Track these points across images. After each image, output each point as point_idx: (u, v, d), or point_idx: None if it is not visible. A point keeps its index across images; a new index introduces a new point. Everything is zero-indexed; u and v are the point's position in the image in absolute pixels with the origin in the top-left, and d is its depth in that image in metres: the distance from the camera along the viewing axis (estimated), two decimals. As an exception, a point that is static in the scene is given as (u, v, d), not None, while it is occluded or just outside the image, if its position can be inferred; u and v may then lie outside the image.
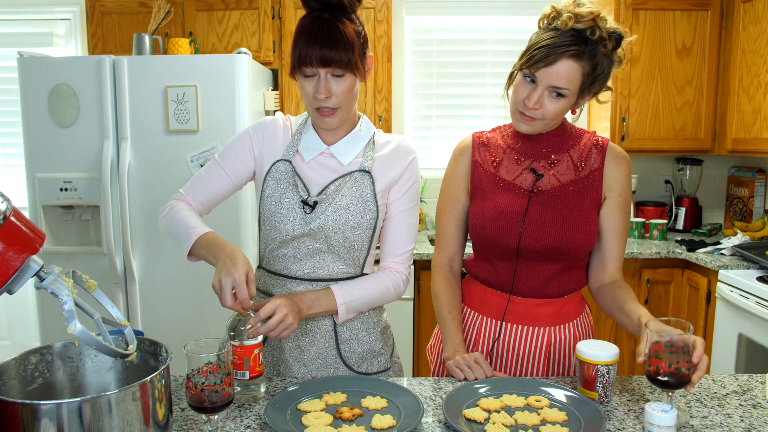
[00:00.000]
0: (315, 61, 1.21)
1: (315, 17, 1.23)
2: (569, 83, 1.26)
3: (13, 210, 0.86)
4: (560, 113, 1.31)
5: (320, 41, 1.20)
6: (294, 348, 1.37)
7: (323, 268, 1.34)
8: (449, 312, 1.44)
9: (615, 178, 1.39)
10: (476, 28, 3.49)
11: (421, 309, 2.99)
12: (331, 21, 1.22)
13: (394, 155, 1.40)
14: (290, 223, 1.32)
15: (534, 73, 1.27)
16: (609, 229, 1.40)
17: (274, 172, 1.35)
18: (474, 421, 1.09)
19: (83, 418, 0.83)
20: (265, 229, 1.37)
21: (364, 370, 1.41)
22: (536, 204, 1.37)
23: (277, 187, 1.34)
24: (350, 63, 1.23)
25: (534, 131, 1.36)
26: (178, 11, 3.07)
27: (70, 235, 2.73)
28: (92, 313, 0.94)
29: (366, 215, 1.33)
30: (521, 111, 1.32)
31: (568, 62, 1.24)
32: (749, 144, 2.91)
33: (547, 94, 1.28)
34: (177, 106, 2.55)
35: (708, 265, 2.71)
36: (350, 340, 1.39)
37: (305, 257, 1.34)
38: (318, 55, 1.20)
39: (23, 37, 3.39)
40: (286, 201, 1.33)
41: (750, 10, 2.90)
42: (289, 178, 1.34)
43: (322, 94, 1.24)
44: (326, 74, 1.23)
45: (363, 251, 1.37)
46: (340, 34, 1.21)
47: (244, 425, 1.09)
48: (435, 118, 3.59)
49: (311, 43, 1.20)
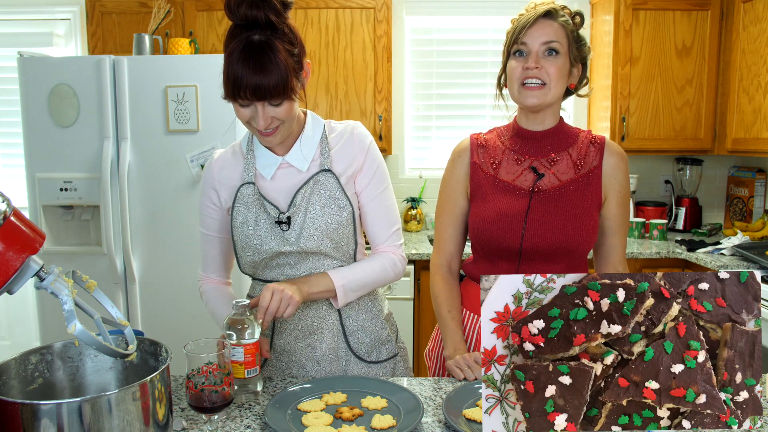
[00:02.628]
0: (249, 95, 1.16)
1: (245, 41, 1.15)
2: (557, 36, 1.33)
3: (13, 210, 0.86)
4: (561, 73, 1.34)
5: (253, 72, 1.14)
6: (305, 347, 1.37)
7: (319, 268, 1.34)
8: (448, 311, 1.44)
9: (614, 175, 1.40)
10: (476, 28, 3.50)
11: (421, 309, 2.99)
12: (261, 47, 1.14)
13: (350, 145, 1.35)
14: (273, 242, 1.31)
15: (522, 40, 1.34)
16: (610, 226, 1.42)
17: (241, 198, 1.33)
18: (474, 421, 1.09)
19: (83, 418, 0.83)
20: (246, 255, 1.34)
21: (374, 358, 1.42)
22: (537, 203, 1.37)
23: (249, 211, 1.32)
24: (285, 90, 1.17)
25: (542, 101, 1.34)
26: (178, 11, 3.07)
27: (70, 235, 2.73)
28: (92, 313, 0.94)
29: (342, 213, 1.32)
30: (524, 83, 1.34)
31: (547, 20, 1.34)
32: (749, 144, 2.91)
33: (543, 55, 1.33)
34: (177, 106, 2.55)
35: (708, 265, 2.71)
36: (357, 331, 1.39)
37: (299, 262, 1.34)
38: (252, 87, 1.14)
39: (23, 37, 3.39)
40: (261, 222, 1.31)
41: (750, 10, 2.90)
42: (257, 200, 1.32)
43: (262, 124, 1.20)
44: (263, 104, 1.18)
45: (351, 245, 1.37)
46: (273, 62, 1.14)
47: (244, 425, 1.09)
48: (435, 118, 3.59)
49: (243, 74, 1.14)
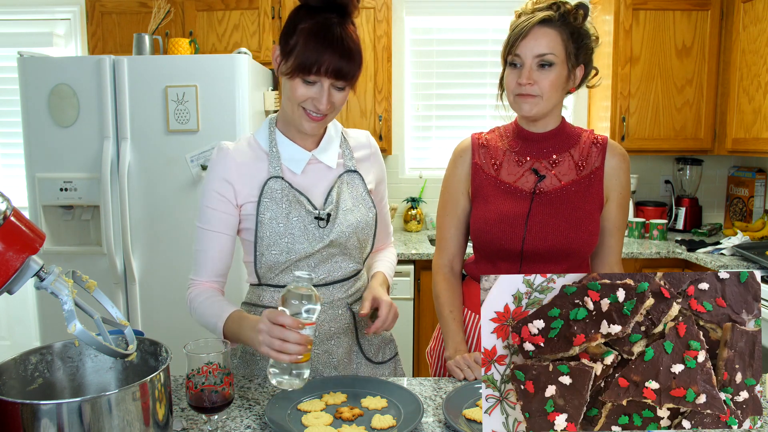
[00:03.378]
0: (324, 72, 1.14)
1: (323, 20, 1.15)
2: (551, 48, 1.28)
3: (13, 210, 0.86)
4: (555, 84, 1.31)
5: (334, 51, 1.13)
6: (322, 353, 1.34)
7: (337, 270, 1.32)
8: (450, 311, 1.44)
9: (616, 176, 1.39)
10: (476, 28, 3.50)
11: (421, 309, 2.99)
12: (342, 28, 1.15)
13: (375, 159, 1.42)
14: (306, 242, 1.26)
15: (516, 52, 1.30)
16: (608, 227, 1.42)
17: (268, 192, 1.26)
18: (474, 421, 1.09)
19: (83, 418, 0.83)
20: (271, 254, 1.27)
21: (380, 359, 1.43)
22: (539, 206, 1.37)
23: (279, 207, 1.26)
24: (355, 77, 1.19)
25: (537, 112, 1.33)
26: (178, 11, 3.07)
27: (70, 235, 2.73)
28: (92, 313, 0.94)
29: (369, 213, 1.34)
30: (517, 94, 1.33)
31: (542, 29, 1.29)
32: (749, 144, 2.91)
33: (536, 68, 1.29)
34: (177, 106, 2.55)
35: (708, 265, 2.71)
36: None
37: (319, 264, 1.30)
38: (332, 67, 1.14)
39: (23, 37, 3.39)
40: (294, 220, 1.26)
41: (750, 10, 2.90)
42: (288, 195, 1.27)
43: (324, 104, 1.18)
44: (329, 85, 1.17)
45: (368, 248, 1.39)
46: (353, 45, 1.16)
47: (244, 425, 1.09)
48: (435, 118, 3.59)
49: (322, 51, 1.13)
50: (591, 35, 1.35)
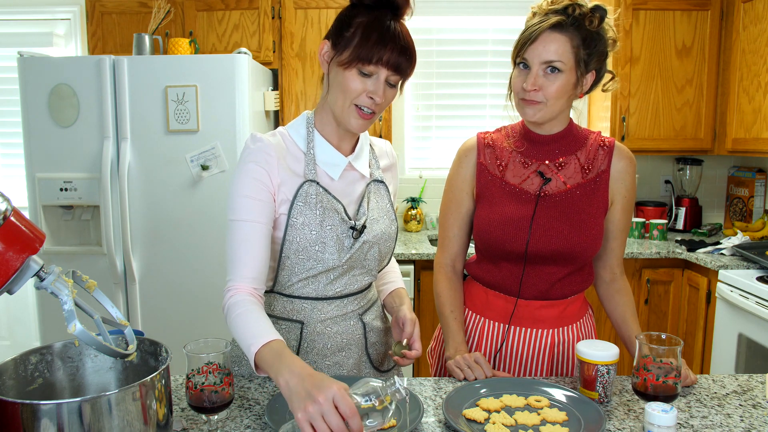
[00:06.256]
0: (385, 64, 1.14)
1: (380, 17, 1.15)
2: (559, 55, 1.25)
3: (13, 210, 0.86)
4: (561, 91, 1.28)
5: (395, 45, 1.14)
6: (332, 365, 1.31)
7: (354, 284, 1.29)
8: (451, 311, 1.44)
9: (622, 179, 1.38)
10: (476, 28, 3.49)
11: (421, 309, 2.99)
12: (401, 25, 1.17)
13: (393, 166, 1.42)
14: (336, 252, 1.21)
15: (524, 56, 1.28)
16: (612, 230, 1.42)
17: (303, 196, 1.19)
18: (474, 421, 1.09)
19: (83, 418, 0.83)
20: (298, 258, 1.21)
21: (385, 368, 1.43)
22: (543, 208, 1.36)
23: (313, 213, 1.19)
24: (409, 74, 1.20)
25: (541, 117, 1.31)
26: (178, 11, 3.07)
27: (70, 235, 2.73)
28: (92, 313, 0.94)
29: (392, 226, 1.33)
30: (523, 98, 1.31)
31: (552, 34, 1.25)
32: (749, 144, 2.91)
33: (543, 74, 1.27)
34: (177, 106, 2.55)
35: (708, 265, 2.71)
36: (376, 343, 1.39)
37: (339, 277, 1.26)
38: (393, 59, 1.14)
39: (23, 37, 3.39)
40: (328, 228, 1.20)
41: (750, 10, 2.90)
42: (323, 201, 1.21)
43: (380, 97, 1.16)
44: (385, 79, 1.16)
45: (386, 261, 1.37)
46: (411, 43, 1.18)
47: (244, 425, 1.09)
48: (435, 118, 3.59)
49: (384, 43, 1.13)
50: (607, 39, 1.31)
